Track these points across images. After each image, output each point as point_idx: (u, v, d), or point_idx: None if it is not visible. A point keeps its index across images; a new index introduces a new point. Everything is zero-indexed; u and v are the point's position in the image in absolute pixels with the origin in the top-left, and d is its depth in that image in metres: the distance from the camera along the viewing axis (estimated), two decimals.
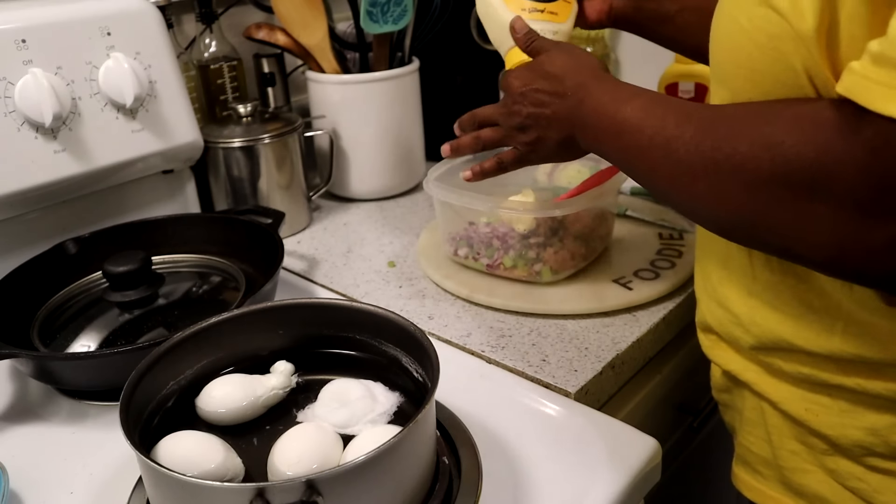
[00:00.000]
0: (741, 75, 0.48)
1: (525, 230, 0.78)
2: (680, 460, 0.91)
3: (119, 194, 0.88)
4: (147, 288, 0.74)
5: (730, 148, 0.44)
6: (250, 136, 0.93)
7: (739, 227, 0.47)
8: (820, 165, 0.40)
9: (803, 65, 0.43)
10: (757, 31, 0.45)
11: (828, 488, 0.55)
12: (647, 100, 0.53)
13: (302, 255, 0.93)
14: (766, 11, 0.44)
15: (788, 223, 0.43)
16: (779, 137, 0.42)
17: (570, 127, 0.61)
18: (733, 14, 0.48)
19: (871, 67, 0.37)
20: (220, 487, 0.45)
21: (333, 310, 0.61)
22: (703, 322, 0.63)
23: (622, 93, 0.56)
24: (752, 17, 0.45)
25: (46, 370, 0.65)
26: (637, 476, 0.56)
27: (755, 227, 0.45)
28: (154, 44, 0.84)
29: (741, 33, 0.47)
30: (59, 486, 0.57)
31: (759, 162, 0.42)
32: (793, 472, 0.57)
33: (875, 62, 0.37)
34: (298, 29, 0.99)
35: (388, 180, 1.07)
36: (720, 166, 0.45)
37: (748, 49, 0.46)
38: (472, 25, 1.10)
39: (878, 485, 0.52)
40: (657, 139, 0.50)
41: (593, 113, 0.57)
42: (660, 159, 0.50)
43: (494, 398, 0.64)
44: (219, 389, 0.56)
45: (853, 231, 0.40)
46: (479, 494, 0.52)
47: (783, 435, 0.57)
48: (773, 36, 0.44)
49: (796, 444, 0.56)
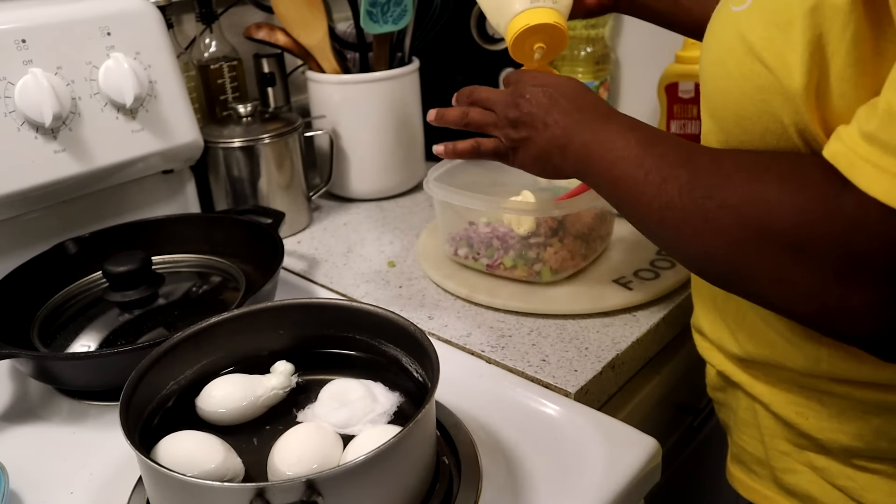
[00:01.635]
0: (730, 118, 0.48)
1: (526, 232, 0.78)
2: (680, 460, 0.91)
3: (119, 194, 0.88)
4: (147, 288, 0.74)
5: (720, 199, 0.44)
6: (250, 136, 0.93)
7: (721, 275, 0.47)
8: (802, 228, 0.40)
9: (792, 120, 0.43)
10: (745, 81, 0.45)
11: (817, 488, 0.55)
12: (648, 135, 0.52)
13: (302, 255, 0.93)
14: (754, 64, 0.44)
15: (770, 279, 0.43)
16: (766, 195, 0.42)
17: (562, 144, 0.58)
18: (722, 57, 0.47)
19: (860, 142, 0.37)
20: (220, 487, 0.45)
21: (333, 310, 0.61)
22: (697, 324, 0.63)
23: (625, 124, 0.55)
24: (740, 66, 0.45)
25: (46, 370, 0.65)
26: (637, 476, 0.56)
27: (737, 277, 0.45)
28: (154, 44, 0.84)
29: (729, 79, 0.46)
30: (59, 486, 0.57)
31: (747, 219, 0.43)
32: (783, 472, 0.57)
33: (865, 139, 0.37)
34: (298, 29, 0.99)
35: (388, 180, 1.07)
36: (708, 215, 0.45)
37: (736, 95, 0.46)
38: (472, 25, 1.10)
39: (866, 483, 0.52)
40: (652, 176, 0.49)
41: (592, 138, 0.55)
42: (652, 196, 0.49)
43: (494, 398, 0.64)
44: (219, 389, 0.56)
45: (832, 294, 0.40)
46: (479, 494, 0.52)
47: (774, 436, 0.57)
48: (761, 88, 0.44)
49: (786, 444, 0.56)
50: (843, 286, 0.39)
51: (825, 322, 0.42)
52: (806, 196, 0.40)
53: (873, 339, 0.41)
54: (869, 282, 0.38)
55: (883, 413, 0.50)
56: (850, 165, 0.38)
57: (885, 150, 0.36)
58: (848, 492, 0.53)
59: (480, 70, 1.14)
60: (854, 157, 0.38)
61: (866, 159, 0.37)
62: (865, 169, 0.37)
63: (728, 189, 0.44)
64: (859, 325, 0.40)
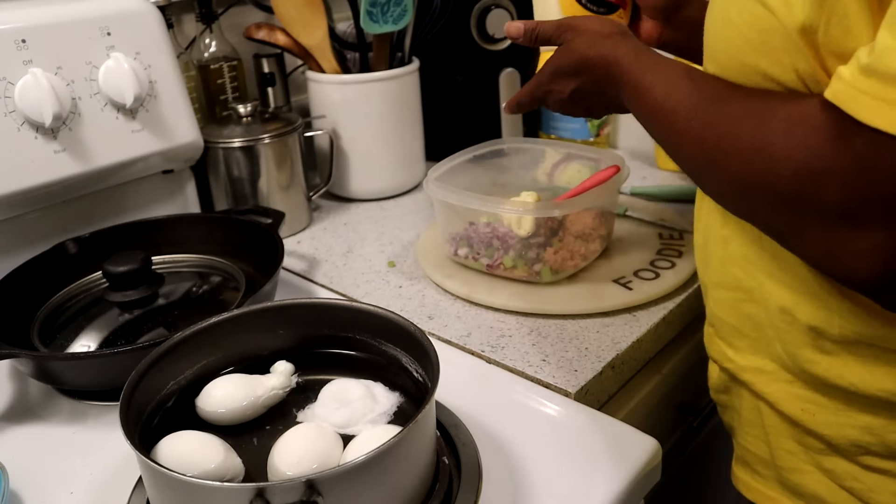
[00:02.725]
0: (733, 68, 0.49)
1: (526, 232, 0.78)
2: (680, 460, 0.91)
3: (119, 194, 0.88)
4: (147, 288, 0.74)
5: (728, 146, 0.46)
6: (250, 136, 0.93)
7: (743, 210, 0.50)
8: (809, 170, 0.41)
9: (791, 61, 0.44)
10: (747, 26, 0.46)
11: (825, 488, 0.55)
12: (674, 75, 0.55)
13: (302, 255, 0.93)
14: (756, 7, 0.45)
15: (781, 221, 0.44)
16: (771, 139, 0.43)
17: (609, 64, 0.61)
18: (725, 9, 0.48)
19: (859, 77, 0.38)
20: (220, 487, 0.45)
21: (333, 310, 0.61)
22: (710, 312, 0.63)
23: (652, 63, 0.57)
24: (741, 13, 0.46)
25: (46, 370, 0.65)
26: (637, 476, 0.56)
27: (757, 212, 0.47)
28: (154, 44, 0.84)
29: (732, 28, 0.47)
30: (59, 486, 0.57)
31: (753, 165, 0.44)
32: (790, 472, 0.57)
33: (864, 73, 0.37)
34: (298, 29, 0.99)
35: (388, 180, 1.07)
36: (719, 164, 0.47)
37: (738, 44, 0.47)
38: (472, 25, 1.10)
39: (873, 484, 0.52)
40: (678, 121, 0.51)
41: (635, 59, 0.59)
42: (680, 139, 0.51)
43: (494, 398, 0.64)
44: (219, 389, 0.56)
45: (840, 235, 0.40)
46: (479, 494, 0.52)
47: (780, 435, 0.57)
48: (762, 31, 0.45)
49: (793, 443, 0.56)
50: (852, 226, 0.40)
51: (833, 264, 0.42)
52: (812, 137, 0.40)
53: (880, 282, 0.41)
54: (877, 220, 0.39)
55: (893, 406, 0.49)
56: (850, 100, 0.38)
57: (886, 82, 0.36)
58: (855, 493, 0.53)
59: (480, 70, 1.14)
60: (854, 92, 0.38)
61: (869, 93, 0.37)
62: (870, 103, 0.37)
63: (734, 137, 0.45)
64: (867, 267, 0.40)
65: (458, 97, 1.14)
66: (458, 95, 1.14)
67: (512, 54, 1.14)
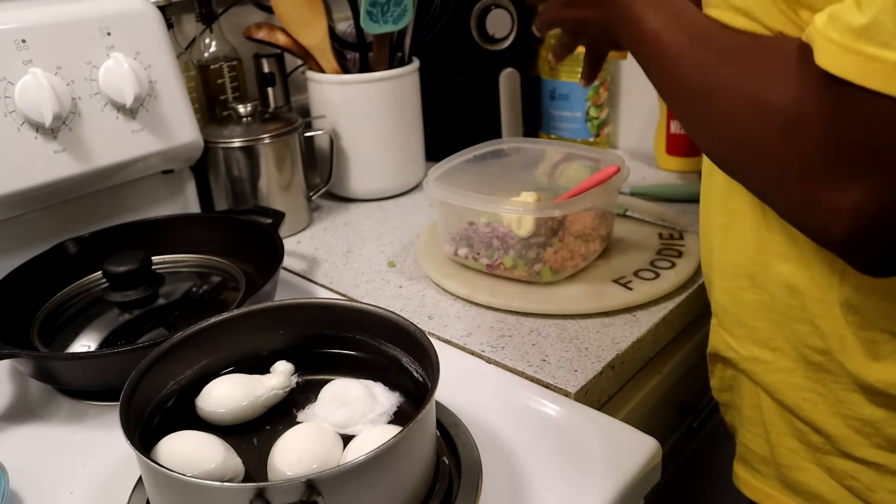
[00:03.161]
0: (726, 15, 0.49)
1: (526, 233, 0.78)
2: (680, 460, 0.91)
3: (119, 194, 0.88)
4: (147, 288, 0.74)
5: (719, 78, 0.46)
6: (250, 136, 0.93)
7: (723, 156, 0.49)
8: (797, 108, 0.40)
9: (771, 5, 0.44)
10: None
11: (825, 486, 0.55)
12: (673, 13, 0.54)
13: (302, 255, 0.93)
14: None
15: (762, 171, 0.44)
16: (757, 81, 0.43)
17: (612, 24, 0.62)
18: None
19: (829, 26, 0.37)
20: (220, 487, 0.45)
21: (333, 310, 0.61)
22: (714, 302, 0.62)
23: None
24: None
25: (46, 370, 0.65)
26: (637, 476, 0.56)
27: (737, 159, 0.47)
28: (154, 44, 0.84)
29: None
30: (59, 486, 0.57)
31: (742, 97, 0.44)
32: (791, 470, 0.57)
33: (832, 21, 0.37)
34: (298, 29, 0.99)
35: (388, 180, 1.07)
36: (711, 95, 0.46)
37: None
38: (472, 25, 1.11)
39: (870, 482, 0.52)
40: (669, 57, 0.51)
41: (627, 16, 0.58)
42: (669, 75, 0.51)
43: (494, 398, 0.64)
44: (219, 389, 0.56)
45: (817, 188, 0.40)
46: (479, 494, 0.52)
47: (781, 432, 0.57)
48: None
49: (794, 441, 0.56)
50: (830, 180, 0.39)
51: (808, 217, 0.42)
52: (802, 75, 0.40)
53: (853, 239, 0.40)
54: (854, 175, 0.38)
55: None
56: (823, 52, 0.38)
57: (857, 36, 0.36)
58: (854, 491, 0.53)
59: (480, 70, 1.14)
60: (826, 42, 0.38)
61: (838, 44, 0.37)
62: (837, 53, 0.37)
63: (727, 72, 0.45)
64: (842, 223, 0.40)
65: (458, 97, 1.15)
66: (458, 95, 1.14)
67: (512, 54, 1.14)
